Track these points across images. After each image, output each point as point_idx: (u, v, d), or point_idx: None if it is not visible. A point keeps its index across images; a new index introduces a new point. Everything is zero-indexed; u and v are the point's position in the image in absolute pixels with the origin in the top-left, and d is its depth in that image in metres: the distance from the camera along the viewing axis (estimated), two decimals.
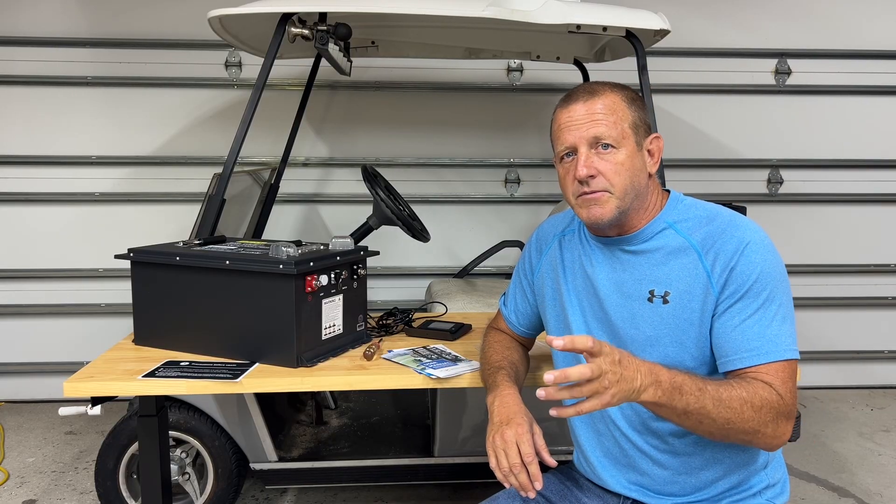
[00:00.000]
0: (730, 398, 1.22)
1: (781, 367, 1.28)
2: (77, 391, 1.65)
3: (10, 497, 2.75)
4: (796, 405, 1.30)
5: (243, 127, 2.15)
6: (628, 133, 1.36)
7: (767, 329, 1.29)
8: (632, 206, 1.39)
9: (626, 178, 1.36)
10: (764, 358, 1.28)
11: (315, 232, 3.78)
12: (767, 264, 1.31)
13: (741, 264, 1.31)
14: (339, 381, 1.73)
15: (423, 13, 2.19)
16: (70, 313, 3.74)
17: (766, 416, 1.24)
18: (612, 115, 1.36)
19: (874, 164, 3.91)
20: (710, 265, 1.34)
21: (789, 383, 1.28)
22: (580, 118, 1.37)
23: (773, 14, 3.80)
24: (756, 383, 1.26)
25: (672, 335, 1.36)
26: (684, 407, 1.20)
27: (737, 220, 1.37)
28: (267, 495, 2.78)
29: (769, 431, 1.25)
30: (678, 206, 1.43)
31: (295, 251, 1.80)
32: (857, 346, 4.06)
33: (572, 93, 1.42)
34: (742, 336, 1.30)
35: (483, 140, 3.80)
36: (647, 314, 1.39)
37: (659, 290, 1.38)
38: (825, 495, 2.83)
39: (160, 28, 3.59)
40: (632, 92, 1.42)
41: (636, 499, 1.45)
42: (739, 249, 1.32)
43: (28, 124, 3.61)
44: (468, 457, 2.50)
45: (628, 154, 1.36)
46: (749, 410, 1.22)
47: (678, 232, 1.39)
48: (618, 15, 2.24)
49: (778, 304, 1.31)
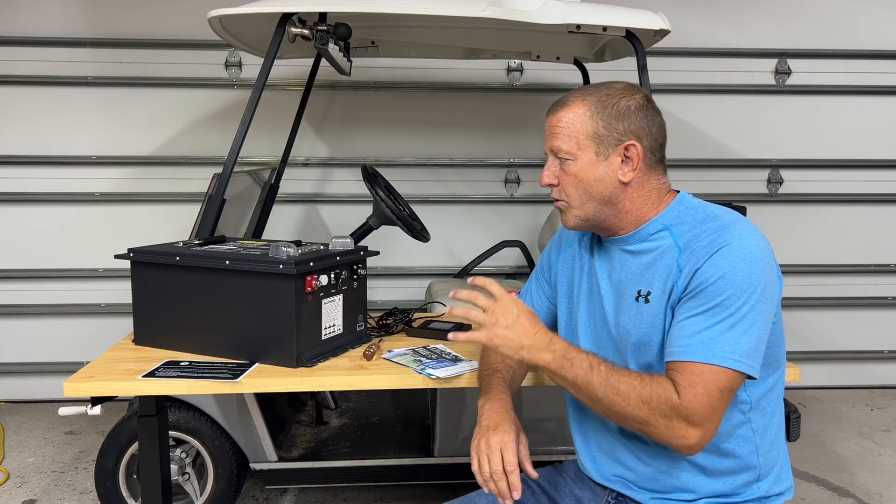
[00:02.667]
0: (619, 382, 1.28)
1: (701, 370, 1.25)
2: (77, 391, 1.65)
3: (10, 497, 2.75)
4: (706, 414, 1.24)
5: (243, 127, 2.15)
6: (585, 144, 1.38)
7: (706, 331, 1.26)
8: (600, 213, 1.42)
9: (579, 189, 1.40)
10: (687, 356, 1.26)
11: (315, 232, 3.78)
12: (735, 271, 1.26)
13: (706, 265, 1.29)
14: (339, 381, 1.73)
15: (423, 13, 2.19)
16: (70, 313, 3.74)
17: (657, 410, 1.24)
18: (568, 128, 1.40)
19: (874, 164, 3.91)
20: (683, 263, 1.33)
21: (699, 388, 1.23)
22: (548, 129, 1.44)
23: (773, 14, 3.80)
24: (659, 378, 1.28)
25: (653, 336, 1.36)
26: (573, 378, 1.31)
27: (729, 225, 1.33)
28: (267, 495, 2.78)
29: (661, 427, 1.25)
30: (679, 208, 1.42)
31: (295, 251, 1.80)
32: (857, 346, 4.06)
33: (555, 101, 1.47)
34: (679, 331, 1.30)
35: (483, 140, 3.81)
36: (632, 314, 1.40)
37: (644, 290, 1.39)
38: (825, 495, 2.83)
39: (160, 28, 3.59)
40: (618, 98, 1.39)
41: (619, 491, 1.47)
42: (711, 252, 1.29)
43: (28, 124, 3.61)
44: (468, 457, 2.49)
45: (583, 165, 1.39)
46: (636, 399, 1.26)
47: (672, 234, 1.39)
48: (618, 15, 2.24)
49: (732, 311, 1.26)
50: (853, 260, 3.99)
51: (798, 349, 3.97)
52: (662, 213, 1.42)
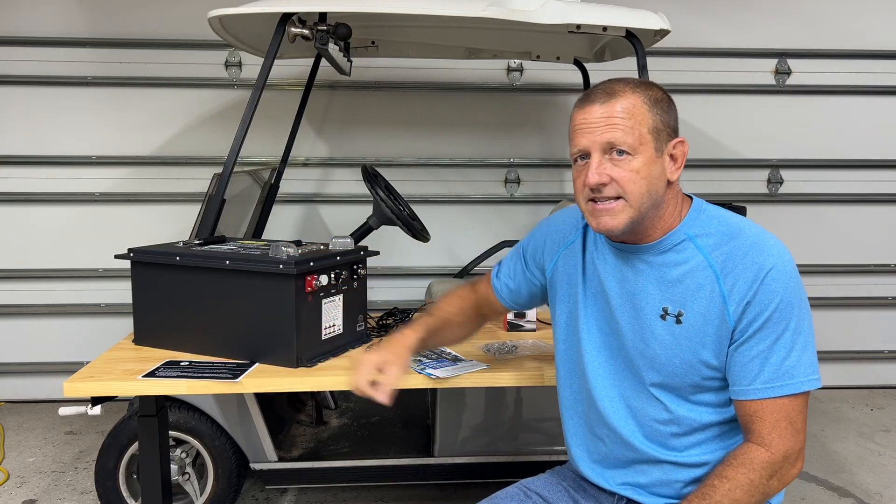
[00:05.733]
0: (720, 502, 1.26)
1: (782, 404, 1.27)
2: (77, 391, 1.65)
3: (10, 497, 2.75)
4: (797, 441, 1.28)
5: (243, 127, 2.15)
6: (647, 139, 1.29)
7: (785, 361, 1.27)
8: (647, 215, 1.32)
9: (641, 186, 1.28)
10: (773, 392, 1.27)
11: (315, 232, 3.78)
12: (788, 292, 1.26)
13: (760, 294, 1.26)
14: (339, 381, 1.73)
15: (423, 13, 2.19)
16: (70, 313, 3.74)
17: (762, 480, 1.26)
18: (629, 120, 1.28)
19: (874, 164, 3.91)
20: (727, 291, 1.29)
21: (782, 424, 1.26)
22: (595, 121, 1.29)
23: (773, 14, 3.80)
24: (736, 460, 1.28)
25: (682, 357, 1.33)
26: None
27: (760, 242, 1.30)
28: (267, 495, 2.78)
29: (775, 484, 1.28)
30: (700, 218, 1.36)
31: (295, 251, 1.80)
32: (857, 346, 4.06)
33: (591, 92, 1.34)
34: (756, 368, 1.28)
35: (483, 140, 3.80)
36: (658, 332, 1.34)
37: (673, 308, 1.33)
38: (825, 495, 2.83)
39: (160, 28, 3.59)
40: (658, 92, 1.34)
41: (630, 497, 1.44)
42: (759, 278, 1.26)
43: (28, 124, 3.61)
44: (468, 457, 2.50)
45: (645, 161, 1.28)
46: (745, 498, 1.26)
47: (698, 248, 1.33)
48: (618, 15, 2.24)
49: (799, 332, 1.27)
50: (853, 260, 3.99)
51: None
52: (684, 222, 1.36)
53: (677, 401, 1.37)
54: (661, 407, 1.38)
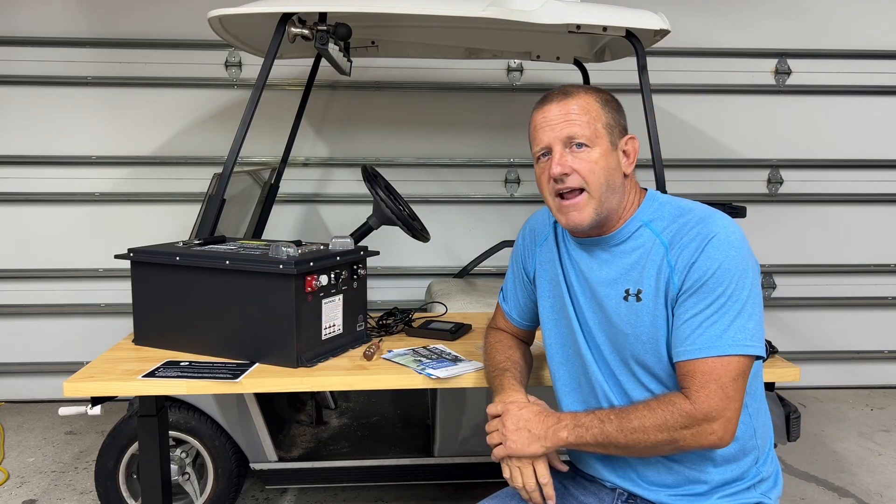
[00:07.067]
0: (630, 420, 1.31)
1: (712, 365, 1.29)
2: (77, 391, 1.65)
3: (10, 497, 2.75)
4: (722, 405, 1.28)
5: (243, 127, 2.15)
6: (601, 132, 1.40)
7: (715, 324, 1.30)
8: (609, 206, 1.41)
9: (600, 176, 1.39)
10: (699, 353, 1.30)
11: (315, 232, 3.78)
12: (728, 260, 1.31)
13: (700, 259, 1.33)
14: (339, 381, 1.73)
15: (423, 13, 2.19)
16: (70, 313, 3.74)
17: (675, 425, 1.28)
18: (585, 115, 1.39)
19: (874, 164, 3.91)
20: (674, 260, 1.36)
21: (710, 385, 1.28)
22: (554, 118, 1.41)
23: (773, 14, 3.80)
24: (663, 396, 1.32)
25: (649, 332, 1.38)
26: (593, 439, 1.34)
27: (707, 216, 1.38)
28: (267, 495, 2.78)
29: (688, 438, 1.29)
30: (653, 205, 1.46)
31: (295, 251, 1.80)
32: (857, 346, 4.06)
33: (547, 94, 1.46)
34: (686, 330, 1.32)
35: (483, 140, 3.80)
36: (624, 313, 1.41)
37: (633, 288, 1.40)
38: (825, 495, 2.83)
39: (160, 28, 3.59)
40: (606, 95, 1.46)
41: (631, 491, 1.46)
42: (702, 246, 1.33)
43: (28, 124, 3.61)
44: (468, 457, 2.50)
45: (602, 153, 1.39)
46: (653, 427, 1.30)
47: (652, 231, 1.42)
48: (618, 15, 2.24)
49: (735, 299, 1.31)
50: (853, 260, 3.98)
51: (798, 349, 3.97)
52: (639, 211, 1.46)
53: (661, 387, 1.40)
54: (648, 393, 1.41)
